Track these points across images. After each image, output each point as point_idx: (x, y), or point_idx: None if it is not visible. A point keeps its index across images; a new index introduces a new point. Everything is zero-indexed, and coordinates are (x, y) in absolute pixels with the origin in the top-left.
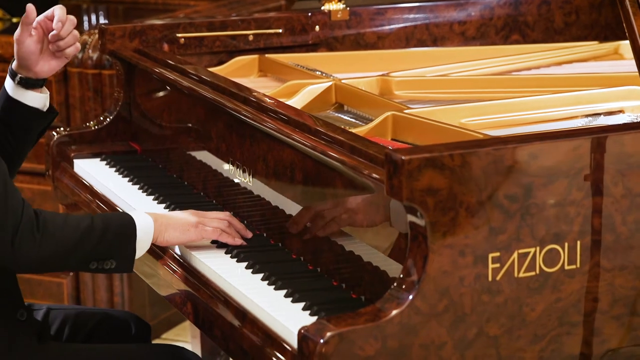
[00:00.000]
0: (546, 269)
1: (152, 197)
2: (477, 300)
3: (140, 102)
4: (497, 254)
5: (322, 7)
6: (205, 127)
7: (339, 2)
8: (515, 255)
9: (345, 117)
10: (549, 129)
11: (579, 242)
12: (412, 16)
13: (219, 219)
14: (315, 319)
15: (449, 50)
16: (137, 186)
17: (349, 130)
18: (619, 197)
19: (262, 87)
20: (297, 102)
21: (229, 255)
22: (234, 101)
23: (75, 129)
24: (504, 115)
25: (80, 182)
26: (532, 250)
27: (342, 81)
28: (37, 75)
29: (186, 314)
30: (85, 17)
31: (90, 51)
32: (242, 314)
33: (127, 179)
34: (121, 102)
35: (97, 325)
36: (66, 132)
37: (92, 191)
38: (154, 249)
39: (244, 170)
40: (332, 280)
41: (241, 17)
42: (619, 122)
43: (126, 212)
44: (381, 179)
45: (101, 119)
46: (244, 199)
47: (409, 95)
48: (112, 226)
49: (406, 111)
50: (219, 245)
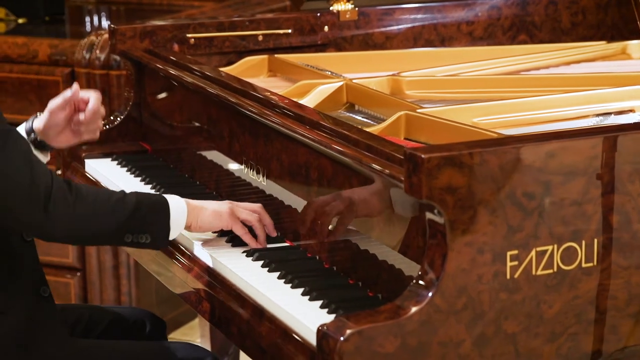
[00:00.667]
0: (564, 267)
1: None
2: (495, 297)
3: (150, 102)
4: (515, 252)
5: (331, 8)
6: (217, 126)
7: (347, 3)
8: (533, 253)
9: (357, 117)
10: (561, 128)
11: (595, 240)
12: (420, 16)
13: (251, 210)
14: (333, 317)
15: (457, 50)
16: (149, 185)
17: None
18: (636, 196)
19: (272, 87)
20: (308, 102)
21: (245, 254)
22: (247, 101)
23: None
24: (516, 114)
25: (92, 181)
26: (549, 248)
27: (353, 81)
28: (51, 142)
29: (201, 312)
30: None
31: (97, 52)
32: (259, 311)
33: (139, 178)
34: (132, 102)
35: (111, 322)
36: None
37: None
38: (168, 248)
39: (257, 169)
40: (348, 278)
41: (250, 18)
42: (632, 122)
43: (160, 194)
44: (398, 177)
45: (111, 118)
46: (257, 198)
47: (420, 95)
48: (144, 201)
49: (419, 110)
50: (234, 244)
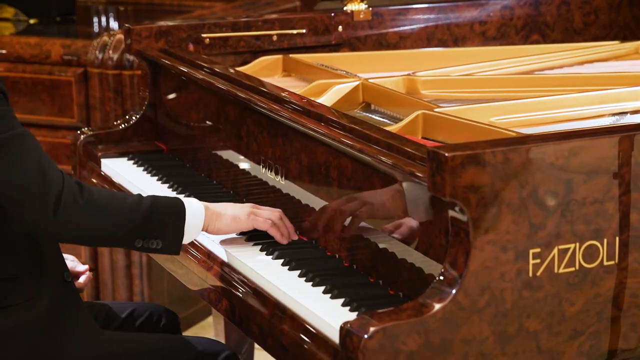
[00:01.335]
0: (585, 265)
1: (182, 195)
2: (517, 295)
3: (166, 101)
4: (538, 250)
5: (345, 8)
6: (235, 126)
7: (361, 3)
8: (555, 251)
9: (373, 117)
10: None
11: (617, 239)
12: (433, 16)
13: (271, 211)
14: (355, 314)
15: (470, 50)
16: (166, 185)
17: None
18: None
19: (287, 87)
20: (325, 101)
21: (265, 252)
22: (266, 100)
23: (101, 129)
24: (533, 113)
25: (109, 181)
26: (571, 246)
27: (369, 81)
28: None
29: (221, 311)
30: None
31: (110, 52)
32: (281, 310)
33: (155, 177)
34: (147, 101)
35: (127, 316)
36: (92, 132)
37: (121, 190)
38: (187, 247)
39: (275, 169)
40: (368, 276)
41: (265, 18)
42: None
43: (178, 197)
44: (421, 175)
45: (127, 118)
46: (275, 197)
47: (435, 94)
48: (160, 206)
49: (436, 110)
50: (254, 242)
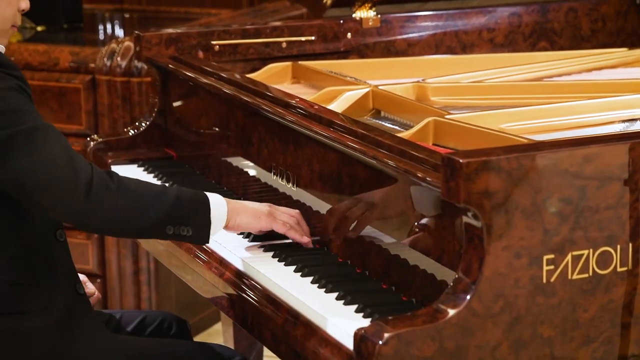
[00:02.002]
0: (599, 271)
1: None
2: (531, 301)
3: (176, 108)
4: (552, 256)
5: (354, 15)
6: (245, 132)
7: (370, 10)
8: (569, 257)
9: (384, 124)
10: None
11: (630, 245)
12: (441, 23)
13: (289, 214)
14: (368, 321)
15: (478, 57)
16: None
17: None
18: None
19: (296, 94)
20: (335, 108)
21: (277, 259)
22: (277, 107)
23: (111, 136)
24: (543, 120)
25: None
26: (585, 252)
27: (379, 87)
28: None
29: (234, 317)
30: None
31: (119, 59)
32: (294, 316)
33: (166, 184)
34: (156, 108)
35: (138, 324)
36: (102, 139)
37: None
38: (198, 254)
39: (287, 175)
40: (381, 283)
41: (274, 25)
42: None
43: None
44: (434, 182)
45: (137, 124)
46: (286, 204)
47: (445, 101)
48: (185, 194)
49: (447, 117)
50: (266, 248)
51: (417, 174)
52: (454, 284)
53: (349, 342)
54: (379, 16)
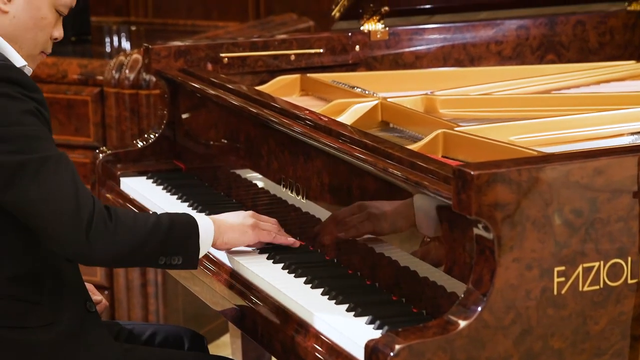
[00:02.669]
0: (610, 283)
1: (203, 214)
2: (542, 313)
3: (184, 120)
4: (563, 268)
5: (362, 28)
6: (255, 145)
7: (378, 23)
8: (580, 269)
9: (393, 136)
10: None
11: None
12: (449, 36)
13: (271, 222)
14: (379, 332)
15: (486, 69)
16: (186, 203)
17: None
18: None
19: (305, 106)
20: (344, 120)
21: (287, 270)
22: (287, 119)
23: (120, 148)
24: (552, 133)
25: (128, 199)
26: (596, 264)
27: (388, 100)
28: None
29: (244, 329)
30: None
31: (127, 71)
32: (304, 327)
33: (175, 196)
34: (165, 120)
35: (151, 336)
36: (111, 151)
37: (141, 208)
38: (209, 266)
39: (296, 188)
40: (391, 294)
41: (283, 37)
42: None
43: (185, 212)
44: (445, 194)
45: (145, 137)
46: (297, 215)
47: (453, 113)
48: (177, 223)
49: (456, 129)
50: (275, 260)
51: (428, 186)
52: (465, 295)
53: (359, 354)
54: (387, 29)
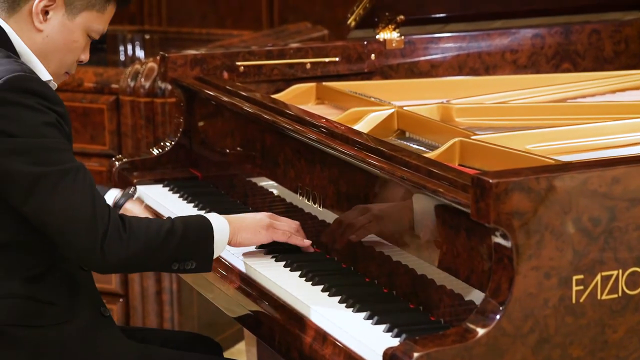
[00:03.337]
0: (628, 292)
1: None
2: (561, 321)
3: (201, 129)
4: (581, 277)
5: (378, 36)
6: (271, 153)
7: (394, 31)
8: (598, 277)
9: (409, 144)
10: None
11: None
12: (464, 45)
13: (289, 223)
14: (397, 340)
15: (501, 78)
16: (202, 211)
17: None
18: None
19: (321, 114)
20: (360, 128)
21: (304, 278)
22: (304, 127)
23: (136, 156)
24: (568, 141)
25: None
26: (614, 273)
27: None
28: None
29: (260, 336)
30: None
31: (142, 80)
32: (322, 336)
33: (192, 204)
34: (181, 129)
35: (165, 342)
36: (127, 159)
37: (157, 216)
38: (224, 273)
39: (313, 196)
40: (408, 302)
41: (299, 46)
42: None
43: (201, 214)
44: (464, 202)
45: (162, 144)
46: (313, 223)
47: (469, 122)
48: (191, 228)
49: (473, 137)
50: (292, 268)
51: (446, 194)
52: (483, 303)
53: None
54: (403, 37)
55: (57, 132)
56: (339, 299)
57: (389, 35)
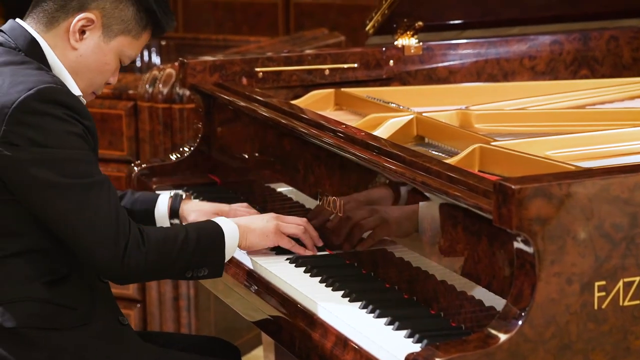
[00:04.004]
0: None
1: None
2: (583, 328)
3: (220, 134)
4: (603, 283)
5: (396, 42)
6: (291, 158)
7: (412, 38)
8: (620, 283)
9: (428, 150)
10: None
11: None
12: (483, 51)
13: (296, 224)
14: (419, 346)
15: (520, 84)
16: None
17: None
18: None
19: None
20: (379, 134)
21: (324, 284)
22: (325, 133)
23: (155, 162)
24: (588, 147)
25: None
26: (637, 279)
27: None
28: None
29: (281, 341)
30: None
31: (160, 86)
32: (343, 341)
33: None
34: (200, 134)
35: (185, 347)
36: (147, 165)
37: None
38: (244, 278)
39: (333, 201)
40: (429, 308)
41: (317, 52)
42: None
43: (212, 220)
44: (486, 208)
45: (181, 150)
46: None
47: (488, 128)
48: (204, 236)
49: (493, 143)
50: (313, 274)
51: (467, 200)
52: (505, 309)
53: None
54: (421, 44)
55: (83, 142)
56: (360, 304)
57: (407, 41)
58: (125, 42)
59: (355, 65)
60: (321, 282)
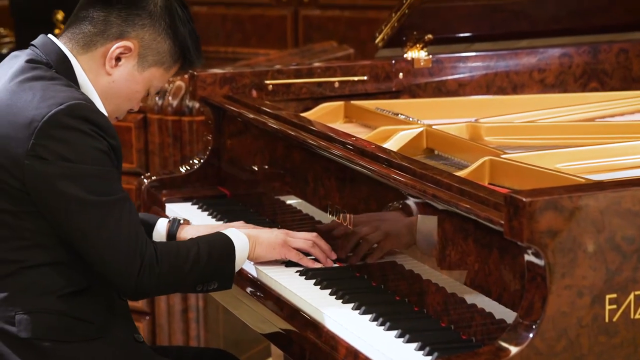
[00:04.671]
0: None
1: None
2: (594, 341)
3: (229, 147)
4: (614, 296)
5: (405, 55)
6: (301, 171)
7: (421, 50)
8: (631, 296)
9: (438, 162)
10: None
11: None
12: (492, 64)
13: (304, 239)
14: (430, 359)
15: (529, 97)
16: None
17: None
18: None
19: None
20: (389, 147)
21: (334, 296)
22: (334, 145)
23: (165, 174)
24: (598, 160)
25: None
26: None
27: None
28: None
29: (292, 355)
30: None
31: (170, 98)
32: (353, 354)
33: (221, 222)
34: (210, 147)
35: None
36: (157, 177)
37: None
38: (254, 290)
39: (343, 215)
40: (439, 321)
41: (327, 65)
42: None
43: (223, 232)
44: (496, 220)
45: (190, 163)
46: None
47: (498, 141)
48: (215, 251)
49: (503, 156)
50: (322, 286)
51: (478, 213)
52: (516, 322)
53: None
54: (431, 56)
55: (107, 159)
56: (370, 317)
57: (416, 54)
58: (157, 74)
59: (365, 77)
60: (331, 294)
